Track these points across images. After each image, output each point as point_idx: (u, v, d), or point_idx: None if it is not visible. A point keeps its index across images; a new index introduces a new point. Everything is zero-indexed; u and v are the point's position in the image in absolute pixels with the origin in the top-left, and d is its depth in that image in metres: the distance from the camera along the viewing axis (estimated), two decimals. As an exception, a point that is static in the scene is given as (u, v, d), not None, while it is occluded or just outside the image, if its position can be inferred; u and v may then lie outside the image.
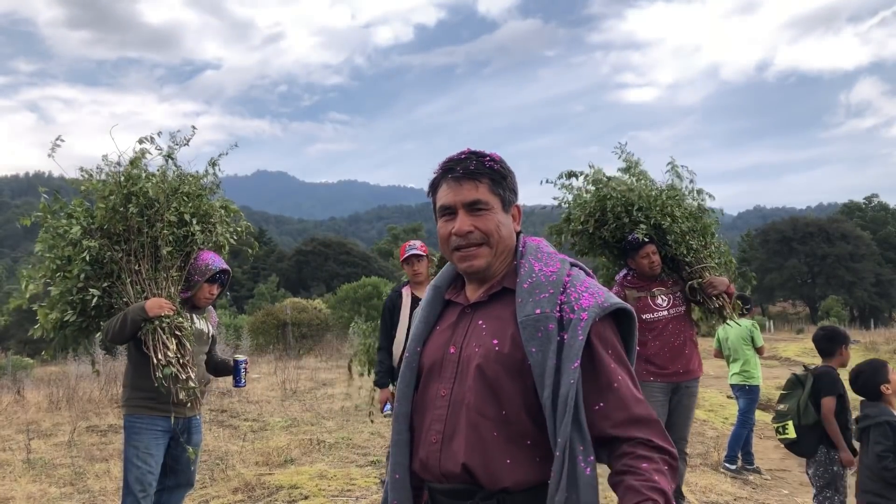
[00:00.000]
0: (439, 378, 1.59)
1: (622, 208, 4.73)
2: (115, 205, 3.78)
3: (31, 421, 9.54)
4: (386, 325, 4.88)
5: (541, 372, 1.45)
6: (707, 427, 9.09)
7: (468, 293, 1.66)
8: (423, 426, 1.59)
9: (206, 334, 4.07)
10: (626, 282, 4.82)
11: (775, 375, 15.63)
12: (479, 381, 1.51)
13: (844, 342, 4.54)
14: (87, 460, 6.99)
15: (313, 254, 65.89)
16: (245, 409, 10.30)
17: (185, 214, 3.87)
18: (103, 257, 3.81)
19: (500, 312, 1.58)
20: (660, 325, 4.65)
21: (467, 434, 1.50)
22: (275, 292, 51.44)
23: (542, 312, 1.48)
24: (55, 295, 3.83)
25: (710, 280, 4.59)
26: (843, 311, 51.42)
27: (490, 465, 1.48)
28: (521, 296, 1.53)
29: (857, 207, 72.04)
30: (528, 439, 1.49)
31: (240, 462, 6.72)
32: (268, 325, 22.38)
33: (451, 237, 1.59)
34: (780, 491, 6.23)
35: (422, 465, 1.58)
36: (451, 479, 1.52)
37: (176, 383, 3.59)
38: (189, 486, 4.10)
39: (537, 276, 1.55)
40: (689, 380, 4.66)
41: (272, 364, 16.59)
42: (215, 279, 3.97)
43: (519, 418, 1.49)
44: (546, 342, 1.46)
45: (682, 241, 4.65)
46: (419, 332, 1.68)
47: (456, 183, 1.59)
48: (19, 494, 5.76)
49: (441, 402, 1.56)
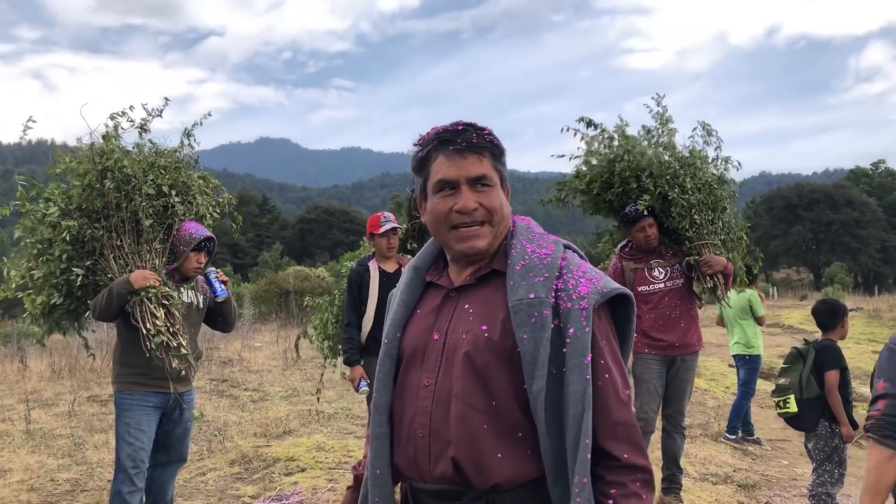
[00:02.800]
0: (422, 367, 1.46)
1: (631, 173, 4.59)
2: (90, 182, 3.73)
3: (32, 390, 9.57)
4: (354, 301, 4.70)
5: (531, 360, 1.36)
6: (708, 397, 9.07)
7: (452, 275, 1.54)
8: (405, 419, 1.47)
9: (197, 306, 4.00)
10: (623, 253, 4.74)
11: (778, 343, 15.62)
12: (467, 369, 1.40)
13: (845, 315, 4.47)
14: (87, 431, 7.00)
15: (317, 222, 65.91)
16: (246, 378, 10.32)
17: (163, 186, 3.82)
18: (84, 236, 3.76)
19: (488, 296, 1.46)
20: (655, 297, 4.56)
21: (456, 427, 1.39)
22: (278, 260, 51.51)
23: (536, 297, 1.39)
24: (39, 278, 3.78)
25: (707, 259, 4.48)
26: (847, 277, 51.34)
27: (480, 460, 1.38)
28: (512, 278, 1.43)
29: (863, 173, 71.51)
30: (518, 431, 1.40)
31: (238, 433, 6.72)
32: (270, 294, 22.41)
33: (450, 214, 1.45)
34: (780, 461, 6.21)
35: (408, 462, 1.46)
36: (440, 479, 1.41)
37: (168, 352, 3.55)
38: (182, 461, 4.08)
39: (530, 259, 1.45)
40: (686, 354, 4.58)
41: (274, 332, 16.63)
42: (201, 247, 3.91)
43: (510, 409, 1.40)
44: (539, 329, 1.37)
45: (686, 215, 4.53)
46: (398, 317, 1.54)
47: (459, 156, 1.45)
48: (17, 466, 5.77)
49: (425, 392, 1.44)
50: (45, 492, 5.14)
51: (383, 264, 4.76)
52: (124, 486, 3.68)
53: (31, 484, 5.29)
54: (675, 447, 4.59)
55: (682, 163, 4.67)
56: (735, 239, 4.82)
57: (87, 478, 5.44)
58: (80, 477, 5.46)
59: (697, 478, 5.41)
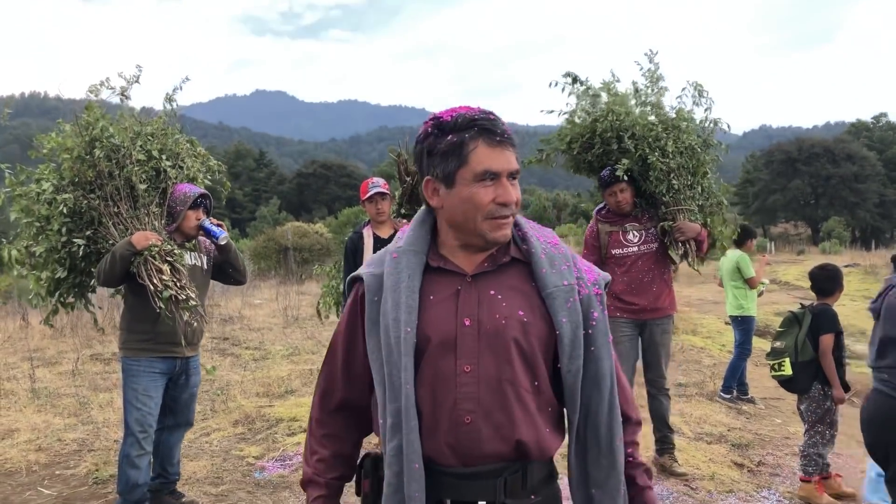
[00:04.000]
0: (456, 353, 1.47)
1: (613, 133, 4.56)
2: (79, 154, 3.76)
3: (35, 348, 9.66)
4: (350, 268, 4.73)
5: (570, 342, 1.48)
6: (704, 355, 9.18)
7: (459, 262, 1.55)
8: (443, 407, 1.47)
9: (202, 268, 4.04)
10: (600, 216, 4.76)
11: (774, 301, 15.74)
12: (516, 353, 1.48)
13: (841, 281, 4.53)
14: (91, 390, 7.09)
15: (314, 176, 65.64)
16: (247, 336, 10.41)
17: (152, 151, 3.87)
18: (80, 207, 3.80)
19: (514, 283, 1.53)
20: (628, 261, 4.58)
21: (516, 409, 1.47)
22: (276, 215, 51.46)
23: (568, 284, 1.52)
24: (41, 254, 3.83)
25: (680, 225, 4.47)
26: (844, 232, 51.45)
27: (540, 436, 1.50)
28: (542, 266, 1.53)
29: (864, 127, 70.98)
30: (550, 407, 1.54)
31: (241, 393, 6.82)
32: (269, 250, 22.46)
33: (489, 205, 1.48)
34: (774, 420, 6.33)
35: (447, 449, 1.47)
36: (494, 459, 1.46)
37: (177, 306, 3.61)
38: (188, 425, 4.17)
39: (547, 248, 1.56)
40: (659, 318, 4.60)
41: (274, 290, 16.71)
42: (198, 204, 3.94)
43: (546, 388, 1.52)
44: (575, 313, 1.49)
45: (664, 179, 4.49)
46: (413, 303, 1.49)
47: (501, 147, 1.48)
48: (24, 426, 5.87)
49: (466, 378, 1.45)
50: (52, 451, 5.24)
51: (377, 230, 4.79)
52: (133, 450, 3.76)
53: (39, 444, 5.39)
54: (661, 409, 4.66)
55: (667, 125, 4.63)
56: (715, 204, 4.79)
57: (93, 437, 5.54)
58: (86, 437, 5.56)
59: (692, 437, 5.53)
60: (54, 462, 5.05)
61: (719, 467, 4.84)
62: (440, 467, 1.47)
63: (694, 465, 4.83)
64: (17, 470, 4.88)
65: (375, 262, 1.59)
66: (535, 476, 1.51)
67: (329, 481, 1.61)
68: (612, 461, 1.51)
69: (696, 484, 4.50)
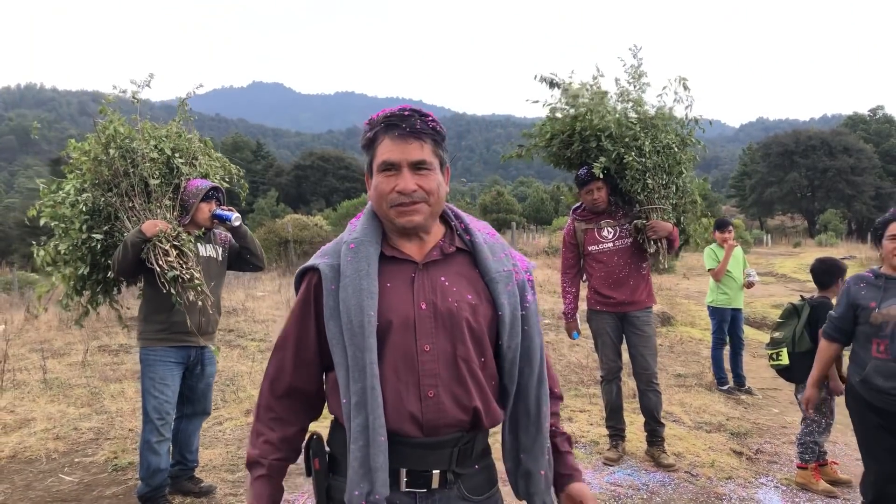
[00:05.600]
0: (416, 335, 1.60)
1: (591, 132, 4.67)
2: (96, 155, 3.95)
3: (43, 340, 9.78)
4: None
5: (510, 321, 1.65)
6: (702, 346, 9.32)
7: (406, 250, 1.68)
8: (406, 382, 1.59)
9: (216, 259, 4.18)
10: (576, 214, 4.91)
11: (770, 293, 15.91)
12: (468, 333, 1.63)
13: (841, 275, 4.65)
14: (102, 381, 7.22)
15: (312, 168, 65.62)
16: (251, 328, 10.53)
17: (165, 148, 4.05)
18: (99, 205, 4.00)
19: (461, 270, 1.69)
20: (605, 256, 4.72)
21: (471, 381, 1.62)
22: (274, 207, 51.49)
23: (507, 270, 1.69)
24: (64, 250, 4.00)
25: (653, 224, 4.60)
26: (840, 224, 51.65)
27: (489, 406, 1.66)
28: (485, 254, 1.69)
29: (861, 120, 71.18)
30: (493, 381, 1.69)
31: (250, 383, 6.95)
32: (269, 243, 22.53)
33: (391, 193, 1.62)
34: (771, 410, 6.47)
35: (411, 421, 1.58)
36: (450, 429, 1.60)
37: (183, 286, 3.77)
38: (205, 414, 4.29)
39: (486, 238, 1.73)
40: (638, 310, 4.73)
41: (276, 281, 16.82)
42: (210, 196, 4.10)
43: (491, 363, 1.68)
44: (514, 295, 1.67)
45: (640, 179, 4.61)
46: (373, 290, 1.60)
47: (402, 140, 1.61)
48: (39, 415, 6.00)
49: (427, 356, 1.60)
50: (69, 440, 5.38)
51: None
52: (152, 436, 3.90)
53: (56, 433, 5.52)
54: (650, 404, 4.77)
55: (645, 123, 4.73)
56: (689, 202, 4.92)
57: (108, 427, 5.68)
58: (101, 426, 5.70)
59: (692, 426, 5.68)
60: (72, 450, 5.18)
61: (719, 455, 4.99)
62: (402, 438, 1.59)
63: (694, 452, 4.99)
64: (37, 458, 5.02)
65: (329, 252, 1.69)
66: (478, 447, 1.69)
67: (272, 462, 1.69)
68: (538, 428, 1.70)
69: (697, 471, 4.65)
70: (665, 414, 5.35)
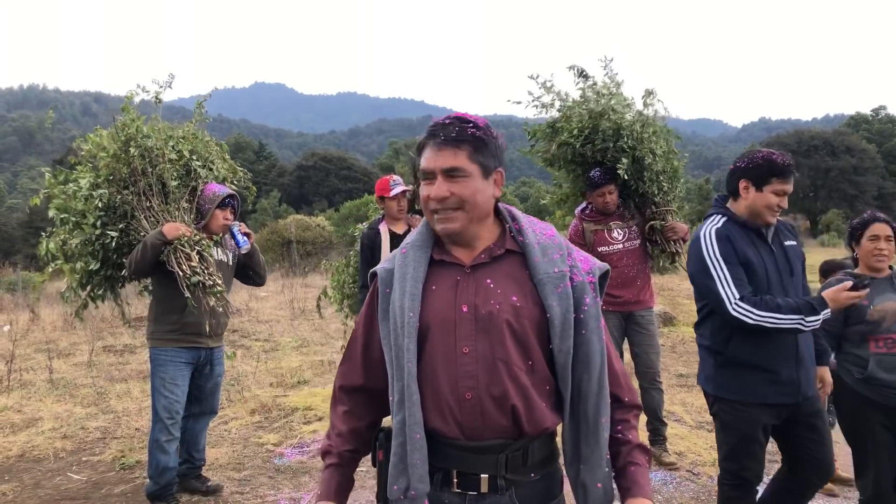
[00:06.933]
0: (455, 336, 1.63)
1: (613, 132, 4.68)
2: (115, 152, 3.97)
3: (48, 340, 9.84)
4: (367, 263, 4.77)
5: (560, 324, 1.61)
6: (704, 346, 9.34)
7: (457, 254, 1.72)
8: (444, 384, 1.62)
9: (227, 263, 4.23)
10: (584, 215, 4.94)
11: (773, 293, 15.89)
12: (510, 335, 1.62)
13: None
14: (107, 380, 7.28)
15: (314, 169, 65.65)
16: (256, 329, 10.60)
17: (183, 150, 4.09)
18: (115, 202, 4.02)
19: (509, 272, 1.68)
20: (615, 257, 4.75)
21: (510, 384, 1.61)
22: (277, 208, 51.56)
23: (559, 271, 1.64)
24: (75, 245, 4.02)
25: (673, 225, 4.67)
26: (843, 224, 51.56)
27: (534, 410, 1.62)
28: (535, 255, 1.66)
29: (863, 120, 71.08)
30: (547, 385, 1.66)
31: (255, 384, 7.01)
32: (272, 243, 22.62)
33: (428, 200, 1.67)
34: (773, 409, 6.50)
35: (451, 423, 1.61)
36: (493, 433, 1.61)
37: (204, 291, 3.80)
38: (213, 413, 4.35)
39: (542, 239, 1.70)
40: (642, 309, 4.80)
41: (279, 282, 16.89)
42: (225, 204, 4.15)
43: (542, 367, 1.65)
44: (566, 298, 1.62)
45: (655, 180, 4.67)
46: (417, 292, 1.67)
47: (437, 149, 1.65)
48: (46, 415, 6.06)
49: (466, 358, 1.61)
50: (77, 439, 5.43)
51: (393, 226, 4.90)
52: (162, 435, 3.95)
53: (63, 432, 5.58)
54: (653, 402, 4.82)
55: (655, 127, 4.79)
56: (678, 208, 4.99)
57: (115, 426, 5.73)
58: (108, 425, 5.75)
59: (694, 426, 5.72)
60: (80, 449, 5.24)
61: (720, 454, 5.03)
62: (446, 439, 1.63)
63: (696, 451, 5.03)
64: (46, 456, 5.08)
65: (391, 258, 1.77)
66: (535, 455, 1.66)
67: (342, 452, 1.77)
68: (596, 438, 1.64)
69: (699, 470, 4.70)
70: (667, 413, 5.39)
